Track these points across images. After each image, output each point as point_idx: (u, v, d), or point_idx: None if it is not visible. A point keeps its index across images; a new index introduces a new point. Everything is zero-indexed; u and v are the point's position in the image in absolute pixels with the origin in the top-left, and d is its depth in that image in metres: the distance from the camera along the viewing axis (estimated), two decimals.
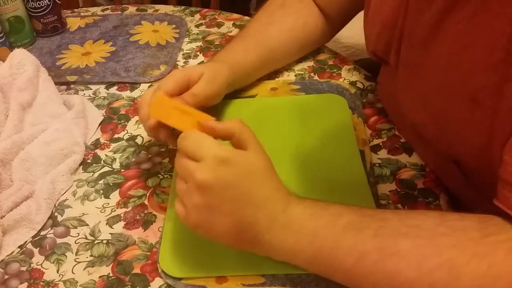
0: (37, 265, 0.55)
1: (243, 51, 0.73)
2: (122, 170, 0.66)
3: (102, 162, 0.67)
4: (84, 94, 0.79)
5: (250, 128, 0.52)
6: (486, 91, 0.46)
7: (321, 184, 0.61)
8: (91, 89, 0.80)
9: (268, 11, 0.79)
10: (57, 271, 0.54)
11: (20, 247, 0.57)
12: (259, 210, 0.48)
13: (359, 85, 0.77)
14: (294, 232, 0.48)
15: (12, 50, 0.72)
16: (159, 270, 0.53)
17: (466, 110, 0.49)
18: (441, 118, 0.54)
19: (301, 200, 0.50)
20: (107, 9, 1.03)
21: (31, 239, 0.58)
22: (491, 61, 0.44)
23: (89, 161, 0.67)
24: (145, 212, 0.60)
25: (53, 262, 0.55)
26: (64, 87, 0.80)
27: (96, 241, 0.57)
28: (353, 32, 0.86)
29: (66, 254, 0.56)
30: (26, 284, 0.53)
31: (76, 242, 0.57)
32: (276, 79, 0.80)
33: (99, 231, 0.58)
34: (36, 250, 0.56)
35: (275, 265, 0.52)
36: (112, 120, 0.74)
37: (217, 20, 0.97)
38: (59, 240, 0.57)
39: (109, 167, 0.66)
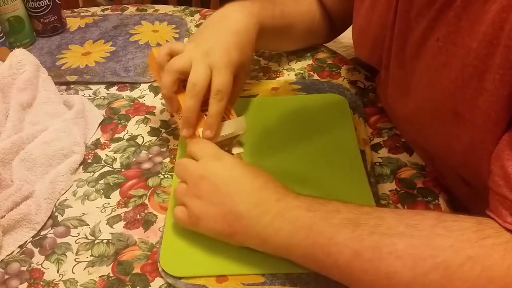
0: (37, 265, 0.55)
1: (271, 17, 0.71)
2: (123, 170, 0.66)
3: (102, 162, 0.67)
4: (84, 94, 0.79)
5: None
6: (464, 105, 0.48)
7: (322, 184, 0.61)
8: (91, 89, 0.80)
9: None
10: (57, 271, 0.54)
11: (20, 247, 0.57)
12: (249, 198, 0.50)
13: (359, 84, 0.77)
14: (289, 223, 0.48)
15: (12, 50, 0.72)
16: (160, 269, 0.53)
17: (449, 123, 0.51)
18: (428, 132, 0.56)
19: (298, 195, 0.50)
20: (107, 9, 1.03)
21: (31, 239, 0.57)
22: (463, 77, 0.47)
23: (89, 161, 0.67)
24: (146, 212, 0.60)
25: (53, 262, 0.55)
26: (64, 87, 0.80)
27: (97, 241, 0.57)
28: None
29: (66, 254, 0.56)
30: (26, 284, 0.53)
31: (76, 242, 0.57)
32: (277, 79, 0.80)
33: (100, 231, 0.58)
34: (36, 250, 0.56)
35: (275, 264, 0.52)
36: (112, 120, 0.74)
37: None
38: (59, 240, 0.57)
39: (110, 167, 0.66)
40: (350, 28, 0.82)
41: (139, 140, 0.70)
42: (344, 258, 0.45)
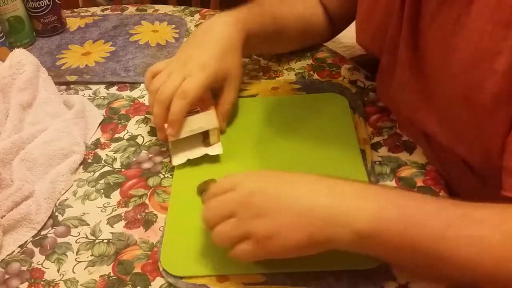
0: (38, 264, 0.55)
1: (260, 22, 0.72)
2: (123, 169, 0.66)
3: (102, 161, 0.67)
4: (84, 94, 0.79)
5: None
6: (473, 89, 0.48)
7: None
8: (91, 89, 0.80)
9: None
10: (58, 271, 0.54)
11: (21, 246, 0.57)
12: (313, 188, 0.47)
13: (359, 84, 0.77)
14: (371, 200, 0.45)
15: (12, 50, 0.72)
16: (160, 269, 0.53)
17: (460, 108, 0.51)
18: (440, 115, 0.56)
19: (356, 180, 0.49)
20: (107, 9, 1.03)
21: (31, 238, 0.57)
22: (473, 60, 0.47)
23: (89, 160, 0.67)
24: (146, 211, 0.60)
25: (54, 262, 0.55)
26: (64, 87, 0.80)
27: (97, 241, 0.57)
28: (353, 32, 0.85)
29: (66, 253, 0.56)
30: (26, 283, 0.53)
31: (77, 241, 0.57)
32: (277, 78, 0.80)
33: (100, 230, 0.58)
34: (36, 250, 0.56)
35: (275, 264, 0.52)
36: (112, 120, 0.74)
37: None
38: (59, 240, 0.57)
39: (110, 166, 0.66)
40: (350, 28, 0.83)
41: (139, 140, 0.70)
42: (439, 227, 0.43)
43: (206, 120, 0.64)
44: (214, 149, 0.64)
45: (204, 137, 0.65)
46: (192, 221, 0.57)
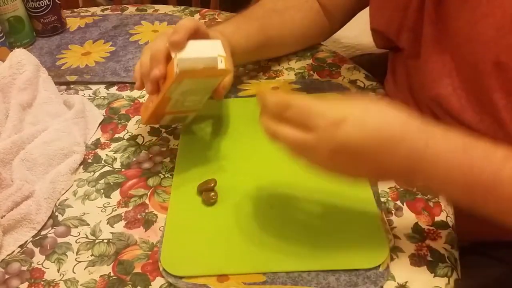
0: (38, 264, 0.55)
1: (246, 36, 0.73)
2: (123, 169, 0.66)
3: (102, 161, 0.67)
4: (84, 94, 0.79)
5: None
6: (507, 52, 0.49)
7: (322, 183, 0.61)
8: (91, 89, 0.80)
9: None
10: (58, 271, 0.54)
11: (21, 246, 0.57)
12: (396, 153, 0.46)
13: (359, 84, 0.77)
14: (445, 167, 0.46)
15: (12, 50, 0.72)
16: (161, 269, 0.53)
17: (491, 74, 0.51)
18: (468, 88, 0.56)
19: (445, 132, 0.46)
20: (107, 9, 1.03)
21: (31, 238, 0.57)
22: (509, 24, 0.49)
23: (89, 160, 0.67)
24: (146, 211, 0.60)
25: (54, 262, 0.55)
26: (64, 87, 0.80)
27: (97, 241, 0.57)
28: (353, 32, 0.86)
29: (66, 253, 0.56)
30: (26, 283, 0.53)
31: (77, 241, 0.57)
32: (277, 78, 0.80)
33: (100, 230, 0.58)
34: (36, 250, 0.56)
35: (276, 263, 0.52)
36: (112, 120, 0.74)
37: (217, 20, 0.97)
38: (59, 240, 0.57)
39: (110, 166, 0.66)
40: (350, 28, 0.83)
41: (139, 140, 0.70)
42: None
43: (214, 46, 0.57)
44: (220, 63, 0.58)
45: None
46: (192, 221, 0.57)
